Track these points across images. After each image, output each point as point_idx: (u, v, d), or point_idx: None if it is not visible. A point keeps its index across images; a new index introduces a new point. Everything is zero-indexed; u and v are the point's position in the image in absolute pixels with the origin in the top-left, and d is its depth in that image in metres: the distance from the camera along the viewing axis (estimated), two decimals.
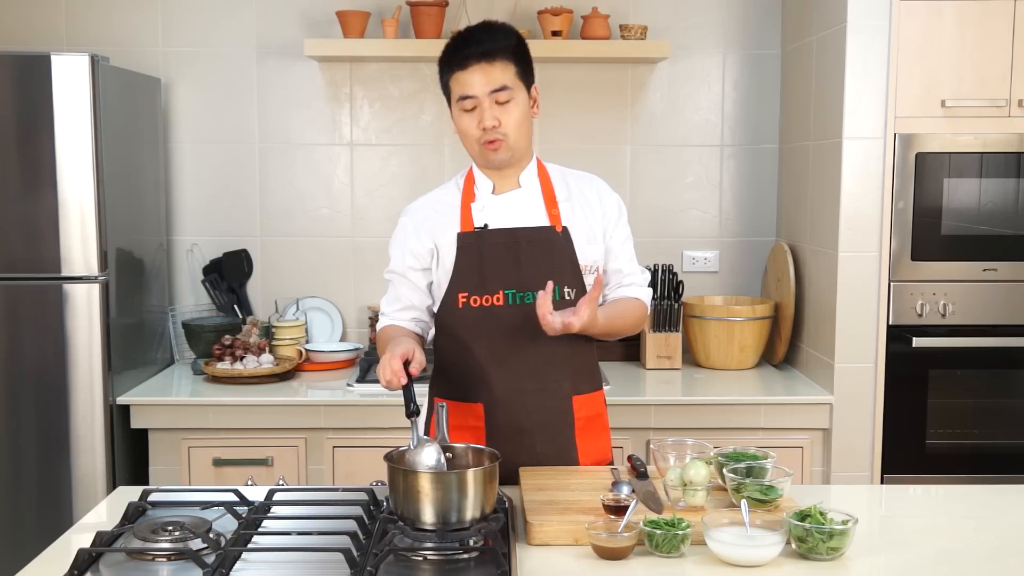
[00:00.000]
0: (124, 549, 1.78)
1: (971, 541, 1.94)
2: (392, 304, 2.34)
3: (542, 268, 2.21)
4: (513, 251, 2.22)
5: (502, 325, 2.22)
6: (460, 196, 2.30)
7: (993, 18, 3.02)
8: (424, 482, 1.80)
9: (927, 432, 3.16)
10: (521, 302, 2.21)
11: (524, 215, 2.26)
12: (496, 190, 2.29)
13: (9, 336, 3.04)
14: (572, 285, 2.24)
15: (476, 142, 2.22)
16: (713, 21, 3.71)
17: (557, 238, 2.24)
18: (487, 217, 2.26)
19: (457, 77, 2.18)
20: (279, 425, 3.14)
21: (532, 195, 2.29)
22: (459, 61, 2.17)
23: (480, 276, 2.22)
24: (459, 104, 2.19)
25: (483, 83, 2.16)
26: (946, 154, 3.08)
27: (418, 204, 2.37)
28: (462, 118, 2.22)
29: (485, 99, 2.17)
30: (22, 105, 2.98)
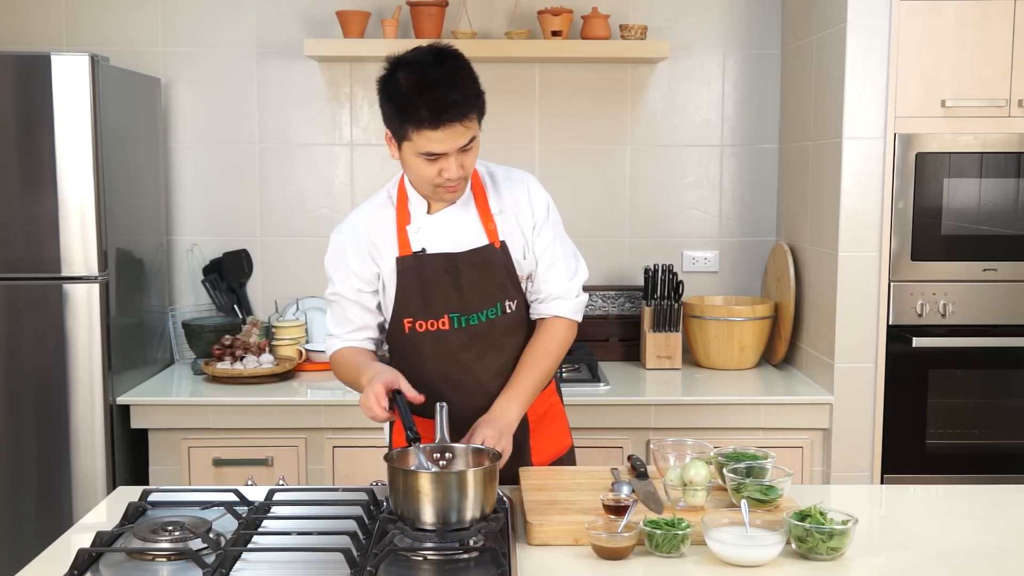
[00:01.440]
0: (124, 549, 1.78)
1: (971, 541, 1.94)
2: (342, 326, 2.27)
3: (484, 288, 2.19)
4: (454, 275, 2.18)
5: (450, 348, 2.20)
6: (395, 215, 2.22)
7: (993, 18, 3.02)
8: (424, 482, 1.80)
9: (927, 432, 3.16)
10: (466, 324, 2.20)
11: (461, 235, 2.20)
12: (431, 209, 2.21)
13: (9, 336, 3.04)
14: (513, 298, 2.23)
15: (429, 184, 2.11)
16: (713, 21, 3.71)
17: (496, 255, 2.20)
18: (424, 240, 2.19)
19: (426, 135, 2.01)
20: (279, 425, 3.14)
21: (467, 212, 2.21)
22: (430, 120, 1.99)
23: (423, 301, 2.19)
24: (421, 154, 2.05)
25: (454, 142, 2.03)
26: (946, 154, 3.08)
27: (353, 224, 2.26)
28: (420, 163, 2.07)
29: (452, 155, 2.05)
30: (22, 105, 2.98)
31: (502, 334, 2.23)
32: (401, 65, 2.05)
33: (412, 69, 2.03)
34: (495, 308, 2.21)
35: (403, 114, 2.02)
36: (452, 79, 2.01)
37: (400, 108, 2.03)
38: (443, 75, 2.01)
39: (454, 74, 2.03)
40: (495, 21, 3.66)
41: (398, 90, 2.03)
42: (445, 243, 2.19)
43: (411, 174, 2.15)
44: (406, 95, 2.01)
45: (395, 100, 2.04)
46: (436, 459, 1.97)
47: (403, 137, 2.06)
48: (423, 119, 1.99)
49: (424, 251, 2.18)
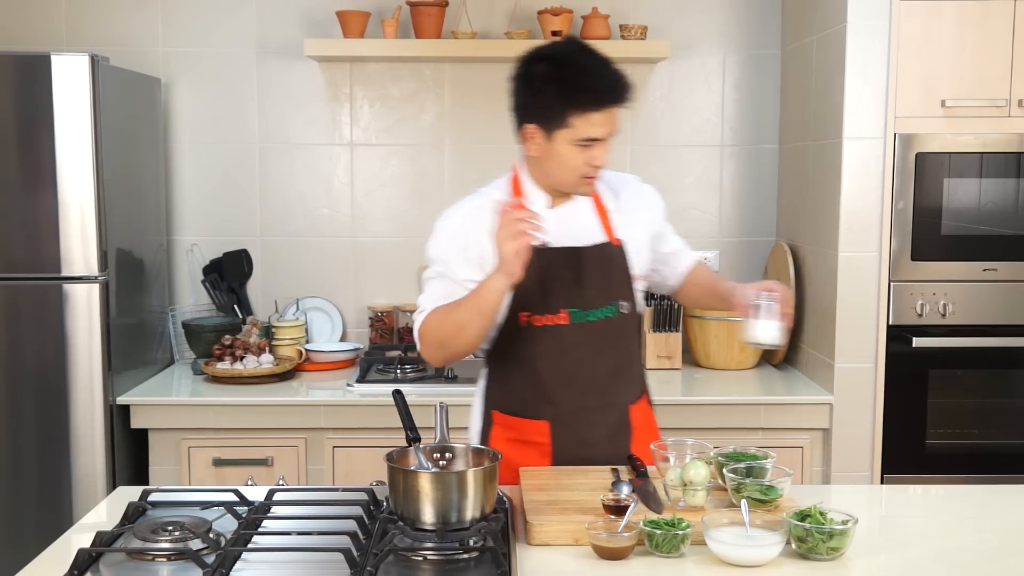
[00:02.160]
0: (124, 549, 1.78)
1: (971, 541, 1.94)
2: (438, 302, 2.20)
3: (603, 284, 2.22)
4: (575, 269, 2.19)
5: (566, 344, 2.21)
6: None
7: (993, 18, 3.02)
8: (424, 482, 1.80)
9: (927, 432, 3.16)
10: (584, 321, 2.20)
11: (581, 230, 2.23)
12: (551, 204, 2.24)
13: (9, 336, 3.04)
14: (627, 298, 2.25)
15: (577, 175, 2.15)
16: (713, 21, 3.71)
17: (615, 252, 2.24)
18: (545, 233, 2.15)
19: (591, 118, 2.07)
20: (279, 425, 3.14)
21: (585, 208, 2.25)
22: (595, 102, 2.06)
23: (542, 295, 2.19)
24: (578, 141, 2.09)
25: (611, 127, 2.11)
26: (946, 154, 3.08)
27: (469, 214, 2.21)
28: (572, 152, 2.11)
29: (605, 141, 2.12)
30: (22, 105, 2.98)
31: (616, 334, 2.24)
32: (545, 57, 2.13)
33: (572, 54, 2.11)
34: (611, 307, 2.23)
35: (567, 98, 2.07)
36: (606, 63, 2.10)
37: (564, 92, 2.07)
38: (601, 62, 2.10)
39: (606, 60, 2.11)
40: (495, 21, 3.66)
41: (561, 75, 2.08)
42: (567, 237, 2.20)
43: (555, 166, 2.16)
44: (572, 79, 2.07)
45: (555, 86, 2.08)
46: (436, 459, 1.97)
47: (560, 124, 2.09)
48: (586, 102, 2.05)
49: (546, 245, 2.16)
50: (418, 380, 3.27)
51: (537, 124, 2.13)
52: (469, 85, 3.71)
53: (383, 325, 3.71)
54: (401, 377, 3.28)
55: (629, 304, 2.26)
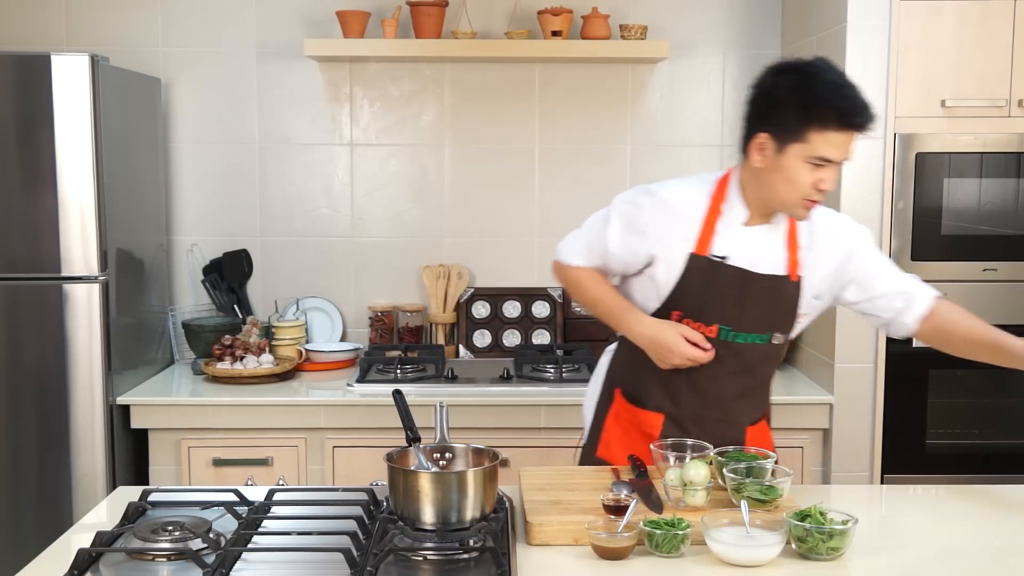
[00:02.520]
0: (124, 549, 1.78)
1: (971, 541, 1.94)
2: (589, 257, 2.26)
3: (763, 314, 2.18)
4: (741, 292, 2.15)
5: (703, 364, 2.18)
6: (707, 209, 2.16)
7: (993, 18, 3.02)
8: (424, 482, 1.80)
9: (927, 432, 3.16)
10: (732, 340, 2.18)
11: (764, 256, 2.16)
12: (748, 221, 2.17)
13: (9, 336, 3.04)
14: (785, 331, 2.22)
15: (799, 194, 2.07)
16: (713, 21, 3.71)
17: (789, 288, 2.18)
18: (728, 248, 2.15)
19: (830, 137, 2.00)
20: (279, 425, 3.14)
21: (776, 236, 2.18)
22: (839, 121, 1.99)
23: (701, 303, 2.16)
24: (811, 158, 2.02)
25: (846, 151, 2.04)
26: (946, 154, 3.08)
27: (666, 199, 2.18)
28: (801, 169, 2.04)
29: (836, 166, 2.05)
30: (22, 105, 2.98)
31: (759, 361, 2.24)
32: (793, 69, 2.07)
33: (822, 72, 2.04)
34: (764, 336, 2.20)
35: (809, 112, 2.00)
36: (856, 89, 2.03)
37: (808, 104, 2.00)
38: (851, 84, 2.03)
39: (855, 85, 2.04)
40: (495, 21, 3.66)
41: (809, 88, 2.02)
42: (746, 259, 2.15)
43: (779, 181, 2.08)
44: (820, 93, 2.00)
45: (800, 98, 2.02)
46: (436, 459, 1.97)
47: (796, 138, 2.02)
48: (830, 119, 1.99)
49: (724, 259, 2.14)
50: (418, 380, 3.27)
51: (771, 135, 2.06)
52: (469, 85, 3.71)
53: (383, 325, 3.71)
54: (401, 377, 3.28)
55: (784, 336, 2.23)
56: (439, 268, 3.72)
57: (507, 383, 3.24)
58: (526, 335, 3.71)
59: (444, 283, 3.70)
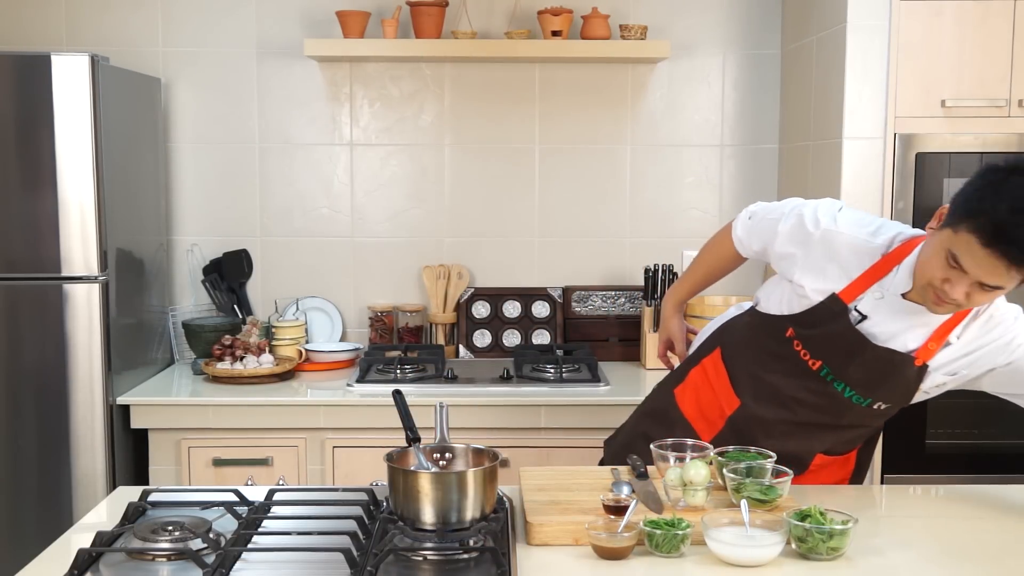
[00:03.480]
0: (124, 549, 1.78)
1: (971, 541, 1.94)
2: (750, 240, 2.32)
3: (870, 380, 2.08)
4: (856, 354, 2.06)
5: (802, 383, 2.14)
6: (875, 262, 2.03)
7: (993, 18, 3.02)
8: (424, 482, 1.80)
9: (927, 432, 3.16)
10: (831, 382, 2.11)
11: (900, 332, 2.03)
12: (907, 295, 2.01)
13: (9, 336, 3.04)
14: (892, 403, 2.14)
15: (925, 280, 1.91)
16: (713, 21, 3.71)
17: (908, 369, 2.05)
18: (871, 308, 2.03)
19: (970, 244, 1.79)
20: (279, 425, 3.14)
21: (928, 322, 2.02)
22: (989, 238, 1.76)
23: (815, 336, 2.09)
24: (949, 253, 1.83)
25: (984, 274, 1.81)
26: (946, 154, 3.08)
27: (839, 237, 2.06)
28: (939, 258, 1.86)
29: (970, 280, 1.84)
30: (22, 105, 2.98)
31: (847, 421, 2.19)
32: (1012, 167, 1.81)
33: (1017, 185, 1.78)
34: (866, 400, 2.12)
35: (973, 208, 1.81)
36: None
37: (977, 201, 1.81)
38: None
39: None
40: (495, 21, 3.66)
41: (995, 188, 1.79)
42: (881, 327, 2.04)
43: (922, 256, 1.94)
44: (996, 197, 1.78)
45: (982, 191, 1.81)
46: (436, 459, 1.97)
47: (952, 224, 1.84)
48: (983, 230, 1.77)
49: (859, 319, 2.04)
50: (418, 380, 3.27)
51: (949, 211, 1.89)
52: (469, 85, 3.71)
53: (383, 325, 3.71)
54: (401, 377, 3.28)
55: (890, 407, 2.16)
56: (439, 268, 3.72)
57: (507, 383, 3.24)
58: (526, 335, 3.71)
59: (444, 283, 3.70)
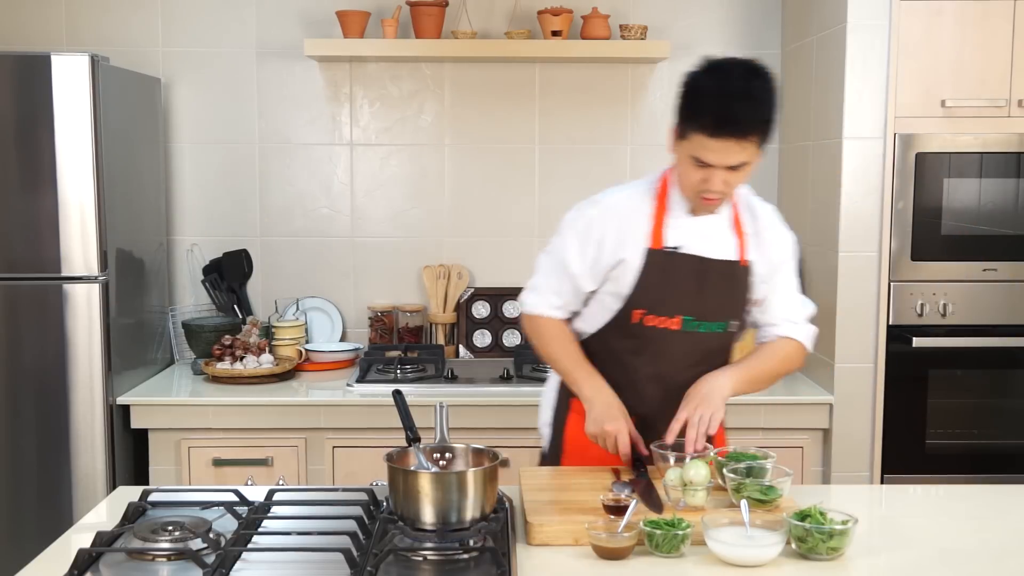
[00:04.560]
0: (124, 549, 1.78)
1: (971, 541, 1.94)
2: (556, 296, 2.27)
3: (722, 300, 2.21)
4: (700, 279, 2.18)
5: (672, 349, 2.21)
6: (654, 206, 2.21)
7: (993, 18, 3.02)
8: (424, 482, 1.80)
9: (927, 432, 3.16)
10: (695, 330, 2.20)
11: (714, 243, 2.20)
12: (693, 210, 2.21)
13: (9, 336, 3.04)
14: (738, 318, 2.25)
15: (692, 190, 2.13)
16: (713, 21, 3.71)
17: (741, 273, 2.22)
18: (680, 238, 2.18)
19: (702, 141, 2.03)
20: (279, 425, 3.14)
21: (723, 222, 2.22)
22: (711, 128, 2.01)
23: (662, 296, 2.19)
24: (693, 158, 2.07)
25: (725, 158, 2.04)
26: (946, 154, 3.08)
27: (612, 205, 2.24)
28: (688, 166, 2.10)
29: (720, 169, 2.06)
30: (22, 105, 2.98)
31: (718, 350, 2.25)
32: (712, 69, 2.06)
33: (718, 75, 2.05)
34: (723, 324, 2.22)
35: (689, 113, 2.05)
36: (750, 97, 2.02)
37: (689, 106, 2.06)
38: (743, 90, 2.02)
39: (753, 93, 2.03)
40: (495, 21, 3.66)
41: (696, 89, 2.05)
42: (699, 247, 2.19)
43: (680, 174, 2.15)
44: (700, 96, 2.04)
45: (689, 97, 2.06)
46: (436, 459, 1.97)
47: (682, 134, 2.08)
48: (704, 125, 2.01)
49: (677, 249, 2.18)
50: (418, 380, 3.27)
51: (675, 127, 2.12)
52: (469, 85, 3.71)
53: (383, 325, 3.71)
54: (401, 377, 3.28)
55: (739, 323, 2.25)
56: (439, 268, 3.72)
57: (507, 383, 3.24)
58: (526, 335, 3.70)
59: (444, 283, 3.70)
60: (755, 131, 2.02)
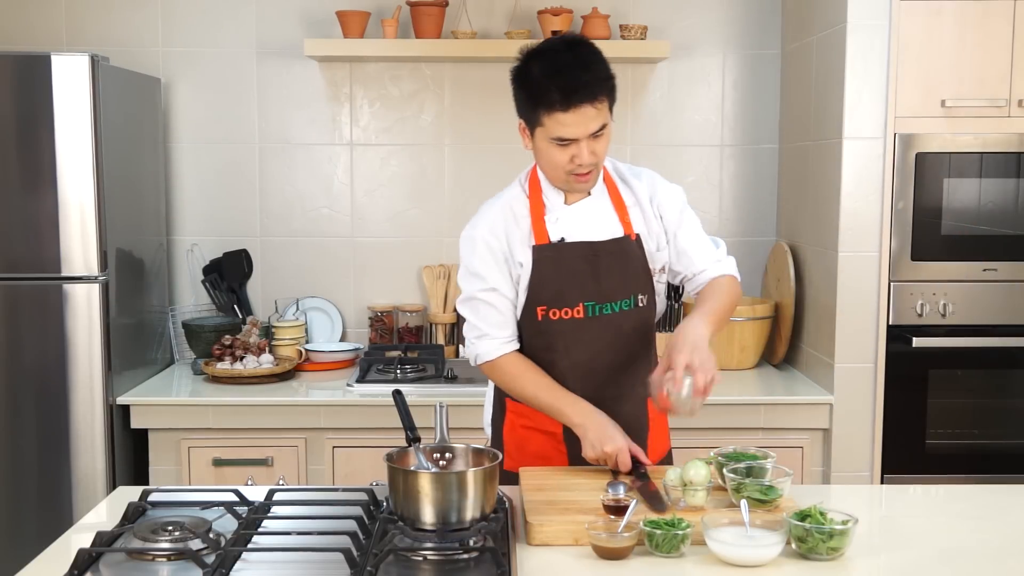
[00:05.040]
0: (124, 549, 1.78)
1: (971, 541, 1.94)
2: (501, 328, 2.24)
3: (619, 278, 2.21)
4: (592, 263, 2.20)
5: (583, 337, 2.22)
6: (528, 205, 2.23)
7: (993, 18, 3.02)
8: (424, 482, 1.80)
9: (927, 432, 3.16)
10: (600, 313, 2.21)
11: (598, 225, 2.22)
12: (567, 200, 2.23)
13: (9, 336, 3.04)
14: (645, 291, 2.25)
15: (564, 172, 2.14)
16: (713, 21, 3.71)
17: (632, 247, 2.23)
18: (562, 229, 2.21)
19: (557, 118, 2.05)
20: (279, 425, 3.14)
21: (602, 203, 2.25)
22: (561, 102, 2.04)
23: (558, 289, 2.20)
24: (553, 139, 2.09)
25: (585, 127, 2.06)
26: (946, 154, 3.08)
27: (492, 219, 2.24)
28: (552, 151, 2.11)
29: (584, 139, 2.08)
30: (22, 105, 2.98)
31: (633, 326, 2.25)
32: (534, 55, 2.11)
33: (544, 56, 2.10)
34: (629, 300, 2.23)
35: (535, 98, 2.08)
36: (582, 62, 2.06)
37: (533, 93, 2.09)
38: (573, 58, 2.06)
39: (584, 57, 2.07)
40: (495, 21, 3.66)
41: (530, 76, 2.09)
42: (583, 232, 2.21)
43: (544, 163, 2.17)
44: (538, 79, 2.07)
45: (528, 86, 2.10)
46: (436, 459, 1.97)
47: (536, 123, 2.10)
48: (554, 101, 2.04)
49: (563, 240, 2.20)
50: (418, 380, 3.27)
51: (524, 121, 2.16)
52: (469, 85, 3.71)
53: (383, 325, 3.71)
54: (401, 377, 3.28)
55: (647, 296, 2.26)
56: (439, 268, 3.72)
57: None
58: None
59: (444, 283, 3.70)
60: (602, 90, 2.06)
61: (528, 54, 2.13)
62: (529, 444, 2.27)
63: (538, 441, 2.26)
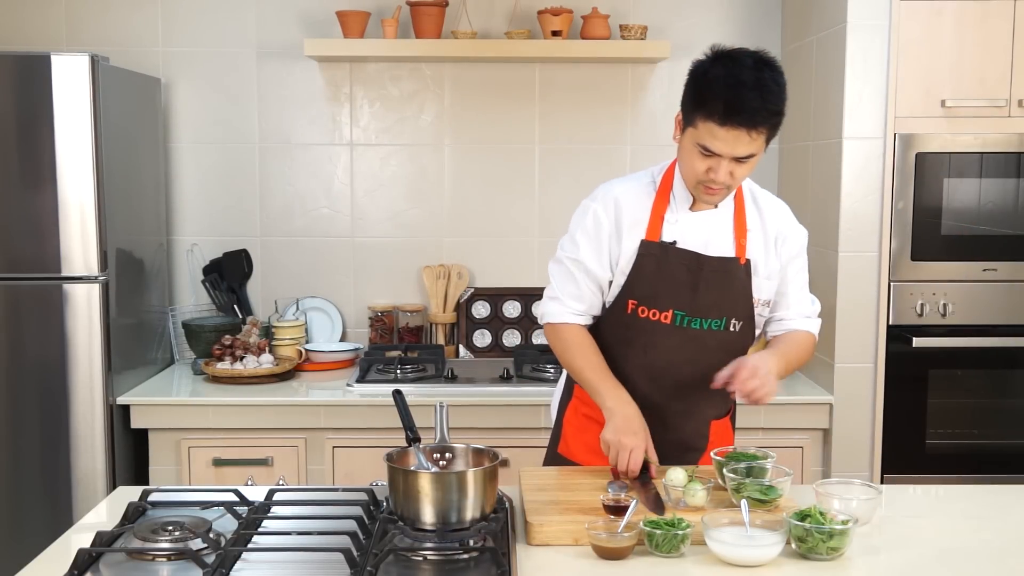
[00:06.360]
0: (124, 549, 1.78)
1: (971, 541, 1.94)
2: (574, 301, 2.23)
3: (716, 297, 2.18)
4: (694, 275, 2.17)
5: (664, 342, 2.20)
6: (655, 199, 2.21)
7: (993, 18, 3.02)
8: (424, 482, 1.80)
9: (927, 432, 3.16)
10: (688, 325, 2.19)
11: (712, 239, 2.19)
12: (693, 205, 2.20)
13: (9, 336, 3.04)
14: (741, 318, 2.22)
15: (694, 179, 2.12)
16: (713, 21, 3.71)
17: (738, 270, 2.19)
18: (676, 232, 2.18)
19: (711, 129, 2.02)
20: (279, 425, 3.14)
21: (724, 219, 2.21)
22: (721, 117, 2.00)
23: (654, 289, 2.18)
24: (699, 145, 2.06)
25: (733, 148, 2.03)
26: (946, 154, 3.08)
27: (613, 196, 2.22)
28: (694, 155, 2.08)
29: (726, 159, 2.05)
30: (22, 105, 2.98)
31: (716, 348, 2.21)
32: (722, 57, 2.06)
33: (729, 63, 2.03)
34: (720, 321, 2.20)
35: (700, 100, 2.03)
36: (761, 87, 2.00)
37: (700, 93, 2.04)
38: (754, 79, 2.00)
39: (765, 83, 2.01)
40: (495, 21, 3.66)
41: (706, 76, 2.04)
42: (696, 242, 2.18)
43: (683, 162, 2.14)
44: (711, 83, 2.02)
45: (699, 84, 2.05)
46: (436, 459, 1.97)
47: (690, 123, 2.06)
48: (714, 112, 2.00)
49: (674, 243, 2.18)
50: (418, 380, 3.27)
51: (682, 114, 2.11)
52: (469, 85, 3.71)
53: (383, 325, 3.71)
54: (401, 377, 3.28)
55: (743, 324, 2.22)
56: (439, 268, 3.72)
57: (507, 383, 3.24)
58: (526, 335, 3.71)
59: (444, 283, 3.70)
60: (765, 122, 2.01)
61: (716, 54, 2.07)
62: (586, 433, 2.27)
63: (595, 432, 2.22)
